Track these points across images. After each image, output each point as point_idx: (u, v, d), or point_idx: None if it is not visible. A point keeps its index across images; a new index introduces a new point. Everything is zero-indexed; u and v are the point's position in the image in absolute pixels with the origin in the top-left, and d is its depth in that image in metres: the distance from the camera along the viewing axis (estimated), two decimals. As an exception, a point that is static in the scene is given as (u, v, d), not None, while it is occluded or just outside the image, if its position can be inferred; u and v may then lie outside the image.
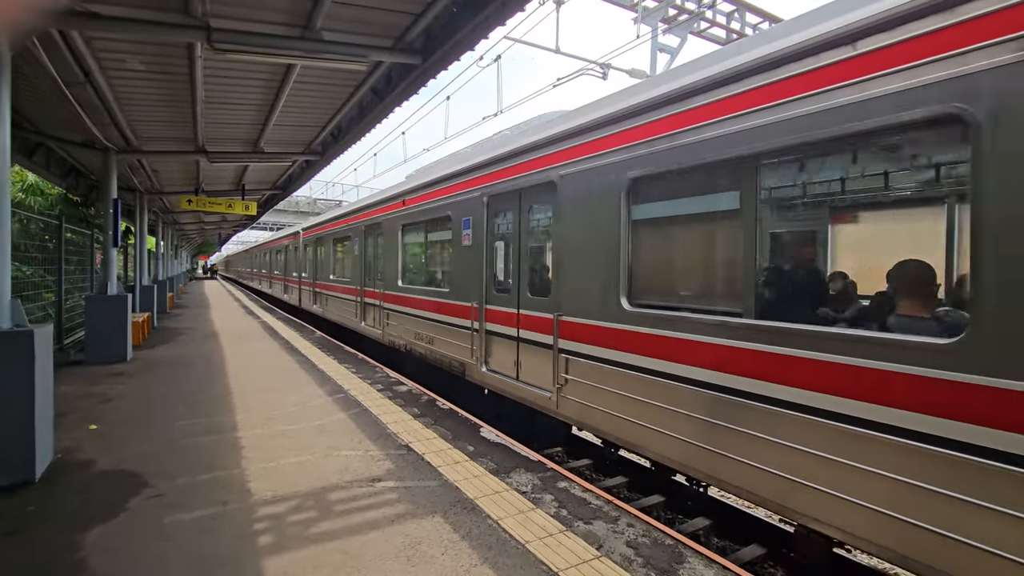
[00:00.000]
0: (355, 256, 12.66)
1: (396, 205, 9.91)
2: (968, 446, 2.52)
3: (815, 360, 3.13)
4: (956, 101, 2.59)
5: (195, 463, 4.72)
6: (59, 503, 3.93)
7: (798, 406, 3.22)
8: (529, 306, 5.95)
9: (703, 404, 3.87)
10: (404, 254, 9.94)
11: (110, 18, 4.70)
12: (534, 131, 6.08)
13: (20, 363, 4.15)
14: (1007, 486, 2.40)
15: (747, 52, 3.70)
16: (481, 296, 6.80)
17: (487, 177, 6.78)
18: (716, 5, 10.18)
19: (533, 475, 4.58)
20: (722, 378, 3.73)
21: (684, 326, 4.09)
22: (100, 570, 3.08)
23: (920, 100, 2.73)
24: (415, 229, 9.46)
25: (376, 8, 5.28)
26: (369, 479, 4.43)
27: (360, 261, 12.21)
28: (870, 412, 2.88)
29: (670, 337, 4.20)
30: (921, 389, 2.68)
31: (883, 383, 2.82)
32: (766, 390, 3.41)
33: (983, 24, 2.52)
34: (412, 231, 9.62)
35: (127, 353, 9.62)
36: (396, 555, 3.28)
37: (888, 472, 2.80)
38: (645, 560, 3.27)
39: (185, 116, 8.30)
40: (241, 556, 3.24)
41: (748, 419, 3.52)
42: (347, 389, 7.57)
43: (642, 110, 4.47)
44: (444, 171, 8.10)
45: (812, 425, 3.14)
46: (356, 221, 12.61)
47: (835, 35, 3.10)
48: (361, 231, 12.08)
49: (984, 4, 2.52)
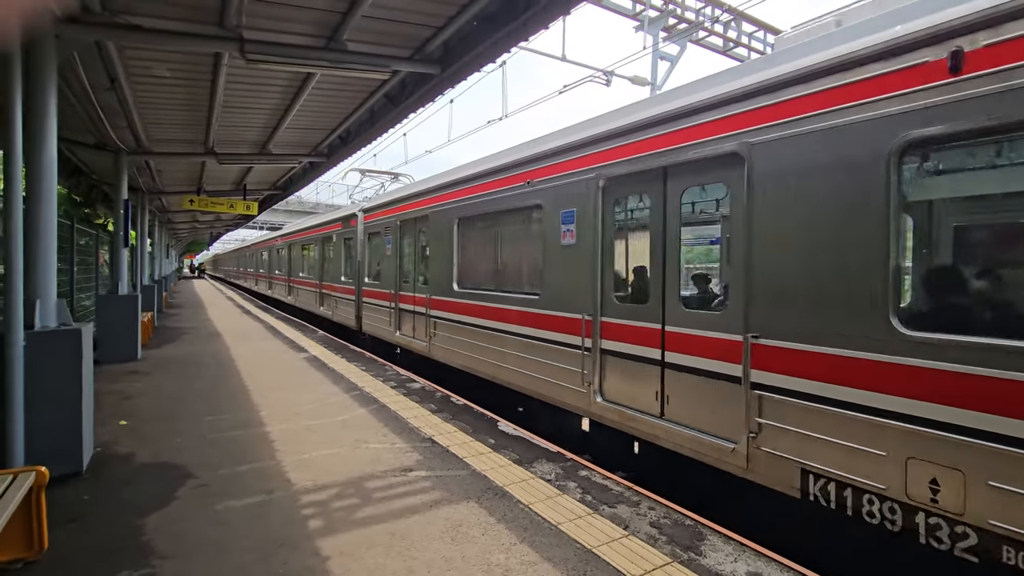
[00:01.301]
0: (387, 256, 11.10)
1: (446, 196, 8.47)
2: None
3: None
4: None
5: (231, 456, 4.94)
6: (111, 493, 4.14)
7: None
8: (686, 322, 4.53)
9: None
10: (460, 253, 8.22)
11: (151, 31, 4.91)
12: (684, 93, 4.64)
13: (70, 359, 4.35)
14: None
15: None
16: (595, 307, 5.34)
17: (605, 155, 5.26)
18: (716, 16, 10.57)
19: (555, 465, 4.87)
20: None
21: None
22: (168, 551, 3.31)
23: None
24: (478, 223, 7.78)
25: (401, 21, 5.53)
26: (401, 469, 4.69)
27: (394, 261, 10.66)
28: None
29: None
30: None
31: None
32: None
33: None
34: (473, 225, 7.92)
35: (137, 352, 9.76)
36: (440, 535, 3.55)
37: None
38: (669, 538, 3.58)
39: (200, 120, 8.48)
40: (296, 537, 3.49)
41: None
42: (361, 386, 7.81)
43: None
44: (526, 152, 6.49)
45: None
46: (388, 215, 11.14)
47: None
48: (396, 227, 10.59)
49: None
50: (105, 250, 13.49)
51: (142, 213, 14.65)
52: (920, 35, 3.10)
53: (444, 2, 5.17)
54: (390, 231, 10.93)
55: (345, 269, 14.07)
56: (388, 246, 10.87)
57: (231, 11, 4.82)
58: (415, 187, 10.38)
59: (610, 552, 3.36)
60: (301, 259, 19.47)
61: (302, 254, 19.27)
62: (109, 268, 12.79)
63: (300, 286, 19.10)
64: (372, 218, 11.85)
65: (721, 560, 3.31)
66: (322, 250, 15.89)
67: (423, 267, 9.50)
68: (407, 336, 9.91)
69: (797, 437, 3.64)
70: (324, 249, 15.86)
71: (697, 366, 4.39)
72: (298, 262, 19.85)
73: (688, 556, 3.35)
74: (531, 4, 4.92)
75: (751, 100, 4.04)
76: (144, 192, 14.35)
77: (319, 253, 16.40)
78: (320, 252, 16.16)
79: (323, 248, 15.82)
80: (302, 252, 19.20)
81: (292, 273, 20.36)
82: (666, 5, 10.52)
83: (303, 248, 19.04)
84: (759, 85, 3.95)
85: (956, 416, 2.91)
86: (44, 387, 4.24)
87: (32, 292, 4.29)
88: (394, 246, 10.67)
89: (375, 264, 11.89)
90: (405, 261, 10.33)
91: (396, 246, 10.58)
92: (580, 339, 5.51)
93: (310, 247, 17.80)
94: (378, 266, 11.55)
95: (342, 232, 13.79)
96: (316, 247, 16.68)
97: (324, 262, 15.76)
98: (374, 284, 11.64)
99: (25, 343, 4.10)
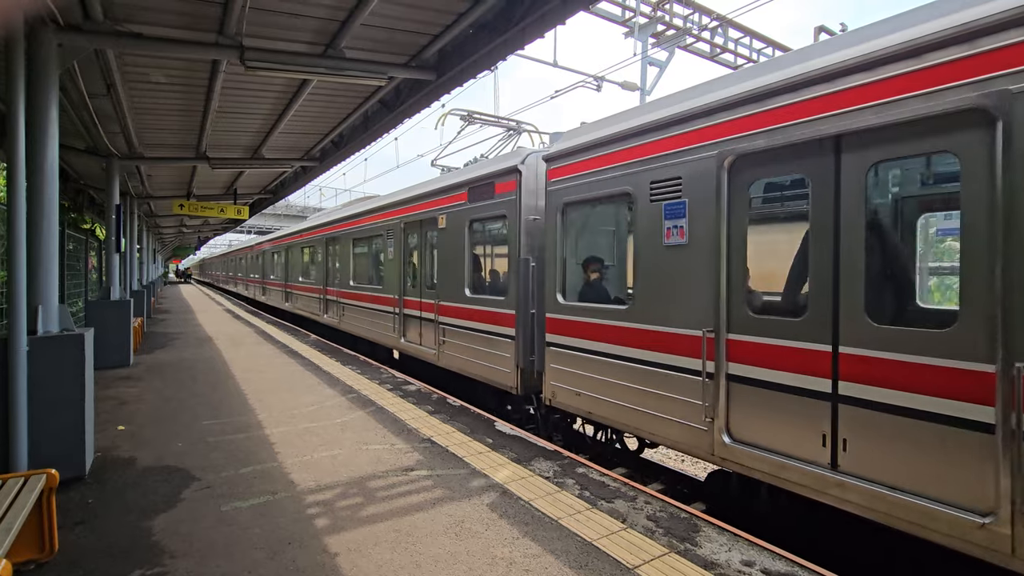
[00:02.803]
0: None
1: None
2: None
3: None
4: None
5: (232, 458, 5.00)
6: (115, 496, 4.18)
7: None
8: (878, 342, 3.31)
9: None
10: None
11: (152, 38, 4.97)
12: (864, 36, 3.46)
13: (73, 364, 4.39)
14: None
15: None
16: (718, 322, 4.17)
17: (733, 125, 4.11)
18: (703, 24, 10.82)
19: (552, 463, 4.99)
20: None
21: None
22: (177, 551, 3.37)
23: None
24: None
25: (398, 29, 5.64)
26: (402, 469, 4.78)
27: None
28: None
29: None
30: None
31: None
32: None
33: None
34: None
35: (130, 358, 9.72)
36: (444, 531, 3.65)
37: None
38: (666, 530, 3.71)
39: (193, 125, 8.50)
40: (304, 536, 3.57)
41: None
42: (358, 389, 7.87)
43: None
44: (622, 125, 5.11)
45: None
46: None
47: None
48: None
49: None
50: (93, 255, 13.38)
51: (131, 218, 14.55)
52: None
53: (441, 11, 5.29)
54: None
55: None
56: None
57: (232, 19, 4.89)
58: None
59: (609, 544, 3.49)
60: (351, 260, 12.58)
61: (355, 253, 12.51)
62: (98, 273, 12.69)
63: (357, 303, 12.05)
64: (579, 170, 5.69)
65: (716, 550, 3.45)
66: (439, 244, 8.55)
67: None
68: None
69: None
70: (432, 244, 8.97)
71: (901, 404, 3.21)
72: (353, 265, 12.61)
73: (684, 547, 3.49)
74: (527, 14, 5.05)
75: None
76: (133, 197, 14.27)
77: (426, 251, 9.27)
78: (431, 250, 8.98)
79: (436, 241, 8.70)
80: (354, 250, 12.51)
81: (338, 283, 13.35)
82: (655, 12, 10.74)
83: (358, 243, 12.26)
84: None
85: None
86: (47, 392, 4.27)
87: (34, 298, 4.33)
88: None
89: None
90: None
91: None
92: (700, 363, 4.32)
93: (375, 241, 11.15)
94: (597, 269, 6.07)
95: (486, 206, 7.29)
96: (411, 238, 9.70)
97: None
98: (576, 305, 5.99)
99: (28, 348, 4.14)
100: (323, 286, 14.50)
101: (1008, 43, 2.80)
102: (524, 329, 6.55)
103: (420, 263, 9.39)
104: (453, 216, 8.03)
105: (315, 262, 15.66)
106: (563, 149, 5.85)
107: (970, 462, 2.93)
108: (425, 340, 8.93)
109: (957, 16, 3.00)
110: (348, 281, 12.55)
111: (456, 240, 7.92)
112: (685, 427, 4.49)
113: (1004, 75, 2.81)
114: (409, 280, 9.67)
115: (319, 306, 14.95)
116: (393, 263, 10.09)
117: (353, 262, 12.58)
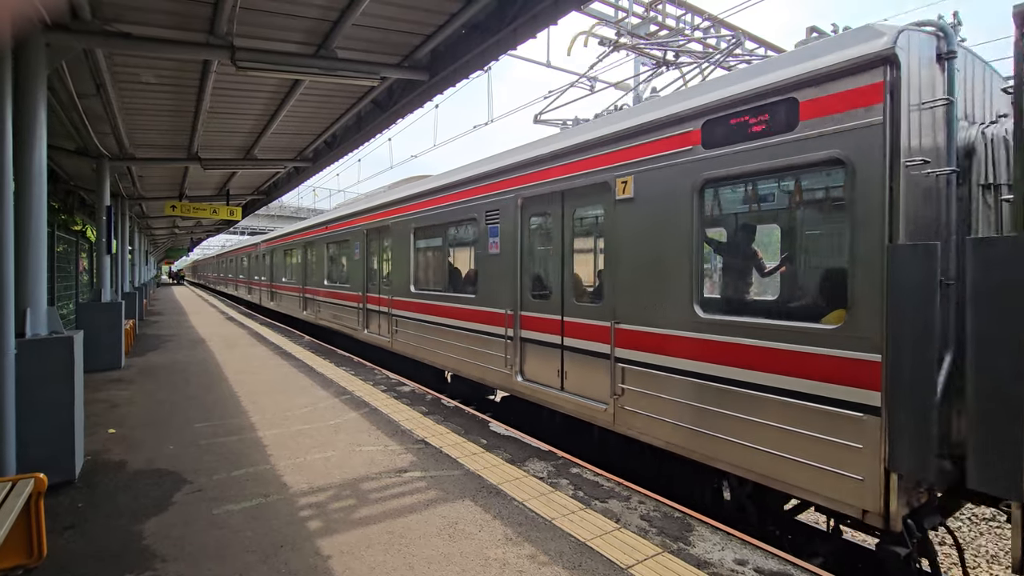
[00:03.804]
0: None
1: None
2: None
3: None
4: None
5: (225, 461, 4.96)
6: (106, 499, 4.14)
7: None
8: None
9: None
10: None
11: (142, 38, 4.93)
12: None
13: (62, 367, 4.35)
14: None
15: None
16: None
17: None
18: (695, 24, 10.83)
19: (546, 463, 4.99)
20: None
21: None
22: (169, 554, 3.35)
23: None
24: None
25: (390, 30, 5.63)
26: (396, 470, 4.76)
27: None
28: None
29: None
30: None
31: None
32: None
33: None
34: None
35: (121, 361, 9.64)
36: (438, 533, 3.63)
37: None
38: (659, 530, 3.72)
39: (185, 125, 8.45)
40: (296, 538, 3.55)
41: None
42: (352, 390, 7.84)
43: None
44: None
45: None
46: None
47: None
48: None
49: None
50: (84, 257, 13.27)
51: (122, 219, 14.44)
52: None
53: (434, 11, 5.28)
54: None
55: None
56: None
57: (222, 19, 4.86)
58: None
59: (603, 544, 3.49)
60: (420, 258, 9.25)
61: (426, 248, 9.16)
62: (89, 276, 12.58)
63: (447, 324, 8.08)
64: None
65: (709, 549, 3.46)
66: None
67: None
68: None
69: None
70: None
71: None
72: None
73: (678, 546, 3.49)
74: (519, 14, 5.05)
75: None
76: (124, 198, 14.17)
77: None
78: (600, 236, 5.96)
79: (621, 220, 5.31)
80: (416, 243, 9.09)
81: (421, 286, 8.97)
82: (647, 12, 10.77)
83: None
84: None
85: None
86: (36, 395, 4.23)
87: (22, 300, 4.28)
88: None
89: None
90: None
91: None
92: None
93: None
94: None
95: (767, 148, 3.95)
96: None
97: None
98: None
99: (16, 351, 4.09)
100: (363, 292, 11.07)
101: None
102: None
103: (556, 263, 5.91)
104: (654, 177, 4.69)
105: (353, 260, 11.86)
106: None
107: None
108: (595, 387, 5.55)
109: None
110: (409, 286, 8.95)
111: (664, 220, 4.59)
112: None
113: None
114: (544, 285, 6.17)
115: (357, 318, 11.38)
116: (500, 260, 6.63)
117: (423, 260, 9.07)
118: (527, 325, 6.23)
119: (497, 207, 6.70)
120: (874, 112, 3.34)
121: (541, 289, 6.15)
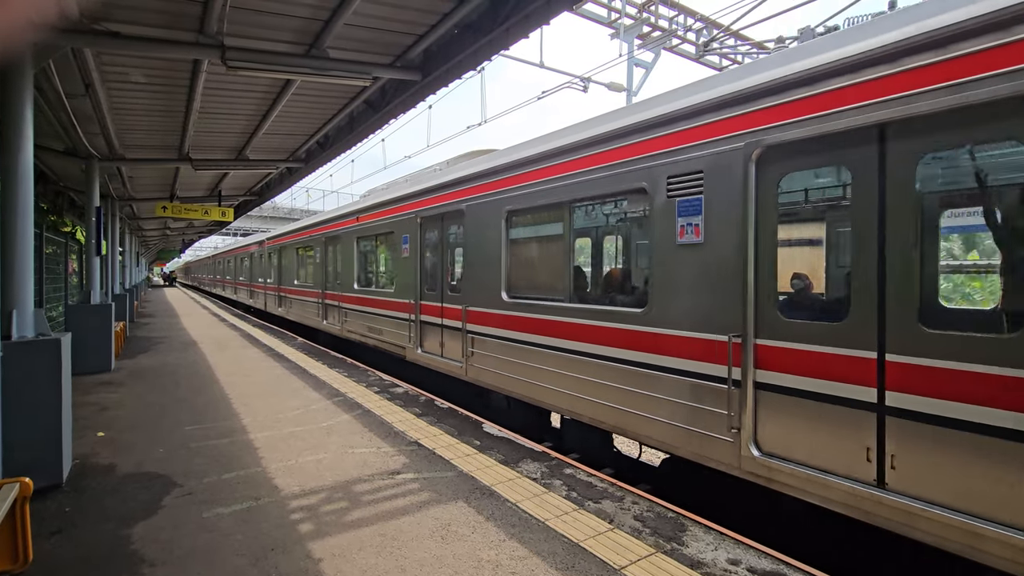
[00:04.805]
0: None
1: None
2: None
3: None
4: None
5: (215, 464, 4.91)
6: (93, 503, 4.09)
7: None
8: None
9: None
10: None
11: (130, 37, 4.88)
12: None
13: (49, 370, 4.29)
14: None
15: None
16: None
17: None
18: (688, 25, 10.89)
19: (540, 464, 4.97)
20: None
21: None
22: (156, 558, 3.30)
23: None
24: None
25: (382, 29, 5.60)
26: (388, 472, 4.73)
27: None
28: None
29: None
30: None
31: None
32: None
33: None
34: None
35: (111, 363, 9.54)
36: (431, 535, 3.61)
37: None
38: (653, 530, 3.71)
39: (175, 126, 8.38)
40: (287, 542, 3.51)
41: None
42: (345, 392, 7.79)
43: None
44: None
45: None
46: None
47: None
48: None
49: None
50: (74, 259, 13.14)
51: (112, 220, 14.31)
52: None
53: (426, 11, 5.26)
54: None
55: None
56: None
57: (212, 19, 4.82)
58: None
59: (597, 545, 3.47)
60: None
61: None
62: (79, 277, 12.46)
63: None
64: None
65: (702, 549, 3.46)
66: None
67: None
68: None
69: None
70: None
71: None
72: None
73: (671, 546, 3.48)
74: (512, 14, 5.04)
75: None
76: (115, 199, 14.04)
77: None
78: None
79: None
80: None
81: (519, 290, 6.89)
82: (640, 13, 10.81)
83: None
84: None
85: None
86: (22, 398, 4.16)
87: (8, 302, 4.23)
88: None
89: None
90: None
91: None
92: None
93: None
94: None
95: None
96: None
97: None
98: None
99: (2, 354, 4.03)
100: (415, 300, 8.57)
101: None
102: None
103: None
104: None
105: (400, 258, 9.16)
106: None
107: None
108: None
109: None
110: (501, 293, 6.54)
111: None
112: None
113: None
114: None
115: (409, 332, 8.80)
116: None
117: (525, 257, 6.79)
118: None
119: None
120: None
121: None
